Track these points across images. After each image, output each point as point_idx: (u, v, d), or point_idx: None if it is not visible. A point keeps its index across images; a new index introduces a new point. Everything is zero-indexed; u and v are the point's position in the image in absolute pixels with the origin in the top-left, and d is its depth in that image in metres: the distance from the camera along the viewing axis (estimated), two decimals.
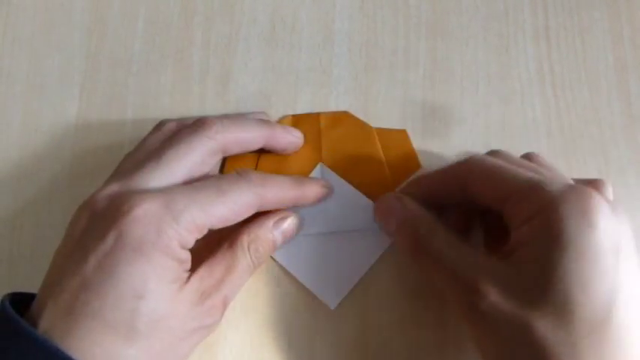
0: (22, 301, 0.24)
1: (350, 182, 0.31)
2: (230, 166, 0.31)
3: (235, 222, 0.26)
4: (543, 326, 0.22)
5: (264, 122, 0.30)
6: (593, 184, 0.27)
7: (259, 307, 0.30)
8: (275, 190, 0.27)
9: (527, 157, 0.29)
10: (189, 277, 0.25)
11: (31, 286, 0.30)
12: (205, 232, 0.25)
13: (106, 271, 0.22)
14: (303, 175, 0.31)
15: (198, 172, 0.27)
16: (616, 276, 0.22)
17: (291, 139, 0.31)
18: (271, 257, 0.30)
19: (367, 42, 0.34)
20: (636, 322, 0.22)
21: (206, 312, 0.25)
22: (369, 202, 0.30)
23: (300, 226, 0.30)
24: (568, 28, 0.35)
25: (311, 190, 0.29)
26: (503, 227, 0.25)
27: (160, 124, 0.29)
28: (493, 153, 0.29)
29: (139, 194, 0.24)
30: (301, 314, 0.30)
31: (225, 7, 0.34)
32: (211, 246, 0.27)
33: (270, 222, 0.28)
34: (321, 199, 0.30)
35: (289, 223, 0.29)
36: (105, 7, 0.34)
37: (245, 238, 0.27)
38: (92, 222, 0.24)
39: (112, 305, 0.22)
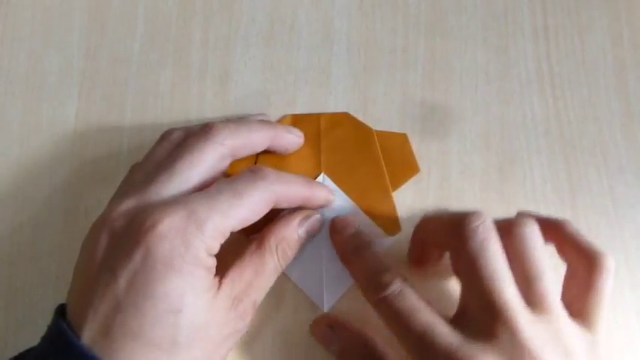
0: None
1: (348, 184, 0.31)
2: (230, 167, 0.31)
3: (254, 220, 0.26)
4: None
5: (267, 123, 0.30)
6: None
7: (259, 306, 0.30)
8: (289, 187, 0.27)
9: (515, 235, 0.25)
10: (220, 283, 0.25)
11: (31, 286, 0.30)
12: (228, 235, 0.25)
13: (138, 291, 0.22)
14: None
15: (210, 178, 0.27)
16: None
17: (293, 138, 0.31)
18: None
19: (366, 41, 0.34)
20: None
21: (239, 316, 0.25)
22: (365, 216, 0.31)
23: (322, 222, 0.30)
24: (567, 27, 0.34)
25: (320, 193, 0.29)
26: None
27: (166, 134, 0.29)
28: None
29: (159, 208, 0.24)
30: (301, 313, 0.30)
31: (224, 7, 0.34)
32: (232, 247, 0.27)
33: (295, 221, 0.28)
34: (327, 204, 0.30)
35: (313, 220, 0.29)
36: (104, 7, 0.34)
37: (272, 240, 0.27)
38: (114, 241, 0.24)
39: (151, 323, 0.22)
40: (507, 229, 0.25)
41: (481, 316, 0.23)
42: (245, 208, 0.25)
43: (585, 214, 0.32)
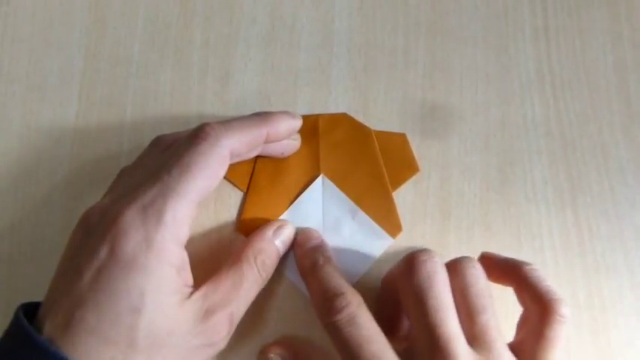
0: (29, 311, 0.24)
1: (347, 185, 0.31)
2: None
3: (217, 182, 0.25)
4: None
5: (260, 114, 0.29)
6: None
7: (259, 307, 0.30)
8: (240, 135, 0.26)
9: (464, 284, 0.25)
10: (191, 293, 0.24)
11: (31, 286, 0.30)
12: (194, 212, 0.24)
13: (101, 287, 0.22)
14: (302, 183, 0.31)
15: (211, 185, 0.25)
16: None
17: (290, 124, 0.29)
18: None
19: (366, 42, 0.34)
20: None
21: (211, 329, 0.24)
22: (365, 215, 0.31)
23: (295, 232, 0.30)
24: (567, 28, 0.35)
25: (280, 123, 0.28)
26: None
27: (156, 140, 0.29)
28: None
29: (119, 205, 0.23)
30: (301, 314, 0.30)
31: (225, 7, 0.34)
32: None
33: (269, 232, 0.28)
34: (294, 130, 0.29)
35: (287, 231, 0.29)
36: (104, 7, 0.34)
37: (250, 252, 0.27)
38: (85, 238, 0.24)
39: (110, 321, 0.22)
40: (453, 268, 0.26)
41: (425, 350, 0.23)
42: (199, 178, 0.24)
43: (586, 214, 0.32)
